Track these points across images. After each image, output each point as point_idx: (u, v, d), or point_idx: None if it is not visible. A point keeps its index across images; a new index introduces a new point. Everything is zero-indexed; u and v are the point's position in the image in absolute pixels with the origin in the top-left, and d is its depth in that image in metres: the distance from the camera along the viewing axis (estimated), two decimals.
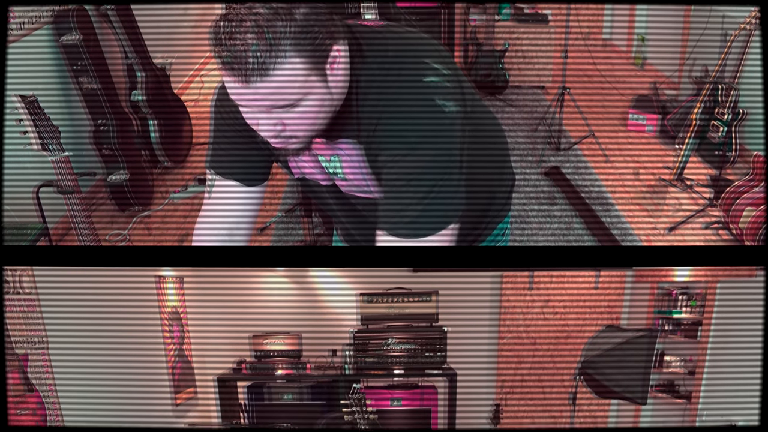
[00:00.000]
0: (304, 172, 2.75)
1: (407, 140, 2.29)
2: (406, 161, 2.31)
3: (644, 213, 5.92)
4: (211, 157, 2.75)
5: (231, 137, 2.66)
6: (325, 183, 2.75)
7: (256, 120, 2.28)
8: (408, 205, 2.35)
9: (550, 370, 6.84)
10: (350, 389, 4.88)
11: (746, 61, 5.79)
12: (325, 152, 2.57)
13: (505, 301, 6.93)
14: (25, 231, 4.27)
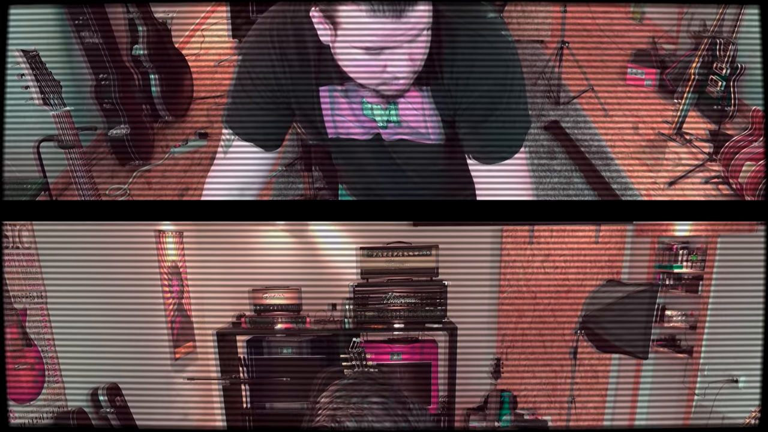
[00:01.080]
0: (339, 131, 2.72)
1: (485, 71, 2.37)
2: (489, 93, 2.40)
3: (644, 167, 5.88)
4: (230, 115, 2.69)
5: (255, 99, 2.62)
6: (364, 137, 2.75)
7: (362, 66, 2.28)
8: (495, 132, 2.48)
9: (550, 325, 6.83)
10: (350, 343, 4.86)
11: (744, 15, 5.74)
12: (382, 101, 2.58)
13: (505, 256, 6.91)
14: (25, 186, 4.24)
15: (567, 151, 6.01)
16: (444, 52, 2.34)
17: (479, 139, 2.53)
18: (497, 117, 2.44)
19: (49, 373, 4.30)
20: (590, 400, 7.08)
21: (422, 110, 2.53)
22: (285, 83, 2.48)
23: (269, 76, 2.44)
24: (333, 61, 2.34)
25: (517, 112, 2.49)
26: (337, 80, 2.46)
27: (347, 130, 2.65)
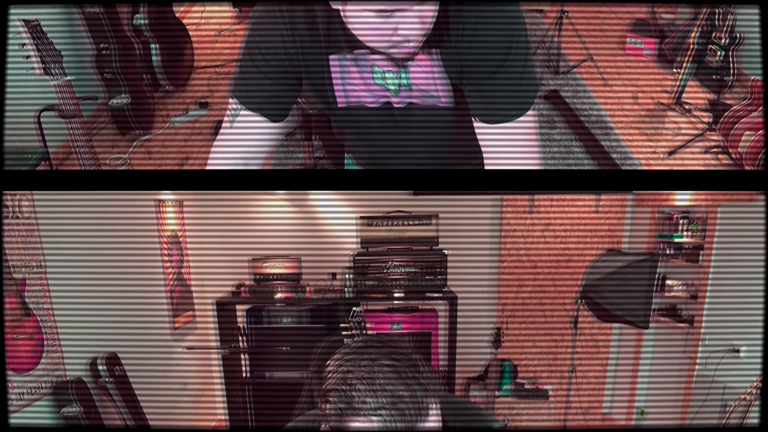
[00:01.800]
0: (350, 100, 2.71)
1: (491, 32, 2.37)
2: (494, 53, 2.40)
3: (643, 137, 5.86)
4: (236, 86, 2.70)
5: (262, 69, 2.61)
6: (374, 105, 2.74)
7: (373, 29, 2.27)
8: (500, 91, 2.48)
9: (551, 294, 6.83)
10: (350, 312, 4.85)
11: None
12: (393, 66, 2.58)
13: (505, 225, 6.90)
14: (25, 155, 4.22)
15: (566, 120, 5.98)
16: (451, 14, 2.33)
17: (484, 98, 2.52)
18: (502, 76, 2.44)
19: (48, 342, 4.29)
20: (591, 370, 7.09)
21: (432, 73, 2.53)
22: (294, 53, 2.47)
23: (278, 46, 2.44)
24: (343, 28, 2.33)
25: (522, 73, 2.49)
26: (347, 48, 2.45)
27: (358, 98, 2.64)
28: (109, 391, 4.80)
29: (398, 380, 1.84)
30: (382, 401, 1.83)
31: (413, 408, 1.83)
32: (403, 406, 1.83)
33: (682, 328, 6.10)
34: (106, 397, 4.81)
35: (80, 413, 4.37)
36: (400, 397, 1.83)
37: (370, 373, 1.85)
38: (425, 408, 1.85)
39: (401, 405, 1.83)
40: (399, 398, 1.83)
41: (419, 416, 1.84)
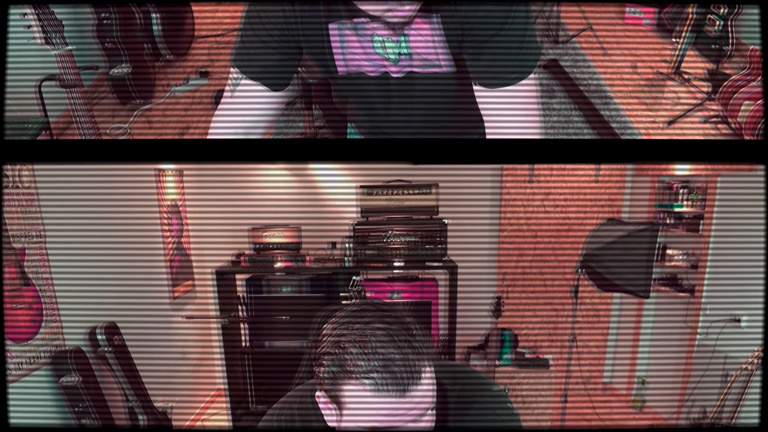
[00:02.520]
0: (350, 68, 2.70)
1: None
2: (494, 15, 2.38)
3: (643, 106, 5.84)
4: (237, 55, 2.71)
5: (263, 38, 2.61)
6: (374, 74, 2.73)
7: None
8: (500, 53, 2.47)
9: (551, 263, 6.83)
10: (350, 282, 4.85)
11: None
12: (392, 35, 2.56)
13: (505, 194, 6.89)
14: (26, 125, 4.21)
15: (566, 89, 5.96)
16: None
17: (484, 61, 2.51)
18: (502, 38, 2.43)
19: (47, 312, 4.28)
20: (592, 339, 7.10)
21: (432, 39, 2.51)
22: (294, 22, 2.46)
23: (278, 15, 2.43)
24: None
25: (523, 36, 2.48)
26: (347, 16, 2.43)
27: (357, 67, 2.63)
28: (108, 361, 4.79)
29: (390, 343, 1.85)
30: (374, 364, 1.83)
31: (405, 371, 1.84)
32: (396, 369, 1.83)
33: (682, 298, 6.10)
34: (105, 366, 4.81)
35: (79, 383, 4.37)
36: (392, 361, 1.83)
37: (363, 337, 1.86)
38: (417, 371, 1.86)
39: (393, 368, 1.83)
40: (391, 361, 1.83)
41: (411, 379, 1.84)
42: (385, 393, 1.84)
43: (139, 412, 4.89)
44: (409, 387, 1.85)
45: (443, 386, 2.11)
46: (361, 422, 1.92)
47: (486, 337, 6.33)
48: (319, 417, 2.07)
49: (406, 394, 1.85)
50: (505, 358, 6.37)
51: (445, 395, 2.14)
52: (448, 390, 2.15)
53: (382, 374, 1.83)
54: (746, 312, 5.11)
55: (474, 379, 2.29)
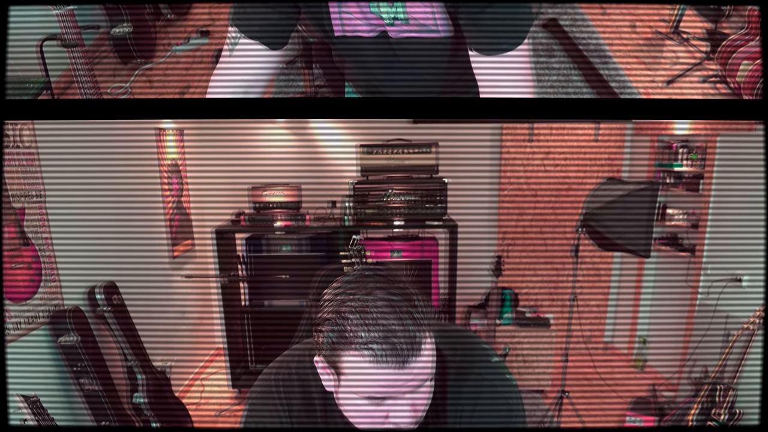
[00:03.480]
0: (346, 29, 2.69)
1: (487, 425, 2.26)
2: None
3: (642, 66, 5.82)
4: (236, 14, 2.69)
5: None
6: (370, 35, 2.71)
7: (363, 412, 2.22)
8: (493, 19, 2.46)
9: (551, 222, 6.82)
10: (350, 240, 4.84)
11: None
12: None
13: (505, 153, 6.88)
14: (27, 85, 4.19)
15: (565, 48, 5.93)
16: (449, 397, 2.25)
17: (480, 28, 2.50)
18: (498, 5, 2.42)
19: (46, 272, 4.27)
20: (592, 299, 7.10)
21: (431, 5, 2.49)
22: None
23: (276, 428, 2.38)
24: None
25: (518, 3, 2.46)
26: None
27: (354, 27, 2.62)
28: (107, 320, 4.79)
29: (392, 314, 1.83)
30: (375, 335, 1.82)
31: (405, 343, 1.82)
32: (395, 341, 1.82)
33: (683, 257, 6.10)
34: (103, 326, 4.81)
35: (77, 342, 4.37)
36: (393, 332, 1.82)
37: (364, 306, 1.84)
38: (418, 343, 1.84)
39: (393, 339, 1.82)
40: (391, 332, 1.82)
41: (411, 351, 1.83)
42: (384, 364, 1.83)
43: (138, 372, 4.89)
44: (409, 359, 1.84)
45: (443, 355, 2.10)
46: (358, 391, 1.92)
47: (486, 296, 6.34)
48: (317, 378, 2.06)
49: (405, 365, 1.85)
50: (506, 318, 6.38)
51: (444, 365, 2.12)
52: (447, 359, 2.13)
53: (381, 345, 1.82)
54: (747, 271, 5.11)
55: (474, 348, 2.28)
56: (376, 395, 1.91)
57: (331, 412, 2.12)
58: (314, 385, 2.12)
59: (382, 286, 1.87)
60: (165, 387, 5.10)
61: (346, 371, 1.90)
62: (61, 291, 4.45)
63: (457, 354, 2.16)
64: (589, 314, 7.04)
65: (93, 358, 4.51)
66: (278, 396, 2.18)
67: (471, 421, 2.14)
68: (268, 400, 2.21)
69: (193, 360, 6.73)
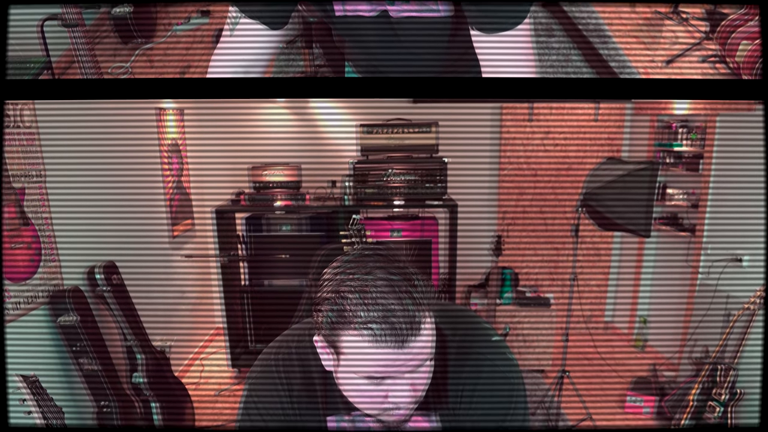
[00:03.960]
0: (347, 8, 2.68)
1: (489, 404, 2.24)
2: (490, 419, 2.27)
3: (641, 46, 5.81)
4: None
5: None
6: (371, 14, 2.68)
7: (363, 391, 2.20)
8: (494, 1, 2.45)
9: (551, 202, 6.82)
10: (350, 220, 4.84)
11: None
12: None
13: (505, 133, 6.88)
14: (28, 65, 4.18)
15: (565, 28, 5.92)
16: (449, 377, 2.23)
17: (481, 6, 2.48)
18: None
19: (46, 252, 4.27)
20: (593, 278, 7.11)
21: None
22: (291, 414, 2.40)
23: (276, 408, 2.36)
24: None
25: None
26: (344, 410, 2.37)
27: (355, 6, 2.61)
28: (107, 300, 4.79)
29: (391, 294, 1.83)
30: (374, 315, 1.82)
31: (405, 323, 1.82)
32: (395, 321, 1.82)
33: (683, 237, 6.10)
34: (103, 306, 4.80)
35: (77, 322, 4.37)
36: (392, 312, 1.82)
37: (363, 286, 1.84)
38: (417, 324, 1.84)
39: (392, 319, 1.82)
40: (391, 313, 1.81)
41: (411, 332, 1.83)
42: (383, 344, 1.83)
43: (137, 351, 4.90)
44: (408, 339, 1.84)
45: (443, 334, 2.10)
46: (358, 370, 1.92)
47: (486, 275, 6.34)
48: (317, 358, 2.06)
49: (404, 345, 1.85)
50: (506, 297, 6.38)
51: (445, 344, 2.12)
52: (447, 338, 2.13)
53: (381, 325, 1.82)
54: (747, 251, 5.12)
55: (474, 327, 2.27)
56: (376, 375, 1.91)
57: (331, 391, 2.12)
58: (314, 365, 2.12)
59: (381, 265, 1.87)
60: (164, 367, 5.11)
61: (346, 351, 1.90)
62: (60, 271, 4.45)
63: (458, 333, 2.16)
64: (589, 294, 7.05)
65: (92, 338, 4.51)
66: (278, 376, 2.18)
67: (472, 400, 2.14)
68: (268, 379, 2.20)
69: (192, 340, 6.74)
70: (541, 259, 7.03)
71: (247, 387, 2.31)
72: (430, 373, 2.00)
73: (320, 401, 2.20)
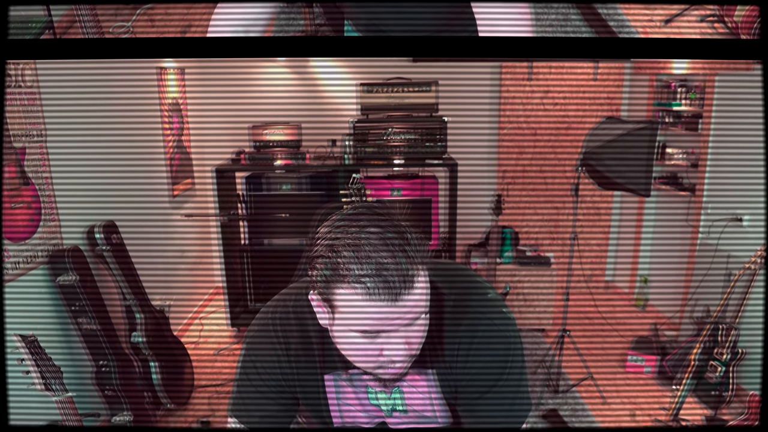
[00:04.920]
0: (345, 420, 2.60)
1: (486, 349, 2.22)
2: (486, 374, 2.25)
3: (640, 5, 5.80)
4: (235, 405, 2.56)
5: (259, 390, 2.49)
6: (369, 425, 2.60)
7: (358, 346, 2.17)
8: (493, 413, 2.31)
9: (551, 161, 6.82)
10: (350, 179, 4.84)
11: None
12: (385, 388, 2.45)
13: (504, 92, 6.87)
14: (29, 25, 4.17)
15: None
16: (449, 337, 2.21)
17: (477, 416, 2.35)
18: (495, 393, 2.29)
19: (45, 211, 4.27)
20: (593, 237, 7.12)
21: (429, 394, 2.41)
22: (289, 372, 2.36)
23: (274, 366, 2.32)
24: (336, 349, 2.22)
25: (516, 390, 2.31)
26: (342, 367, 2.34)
27: (354, 416, 2.54)
28: (106, 260, 4.79)
29: (384, 249, 1.84)
30: (367, 270, 1.83)
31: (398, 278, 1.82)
32: (388, 276, 1.82)
33: (683, 197, 6.10)
34: (102, 265, 4.81)
35: (76, 282, 4.37)
36: (385, 267, 1.82)
37: (356, 241, 1.85)
38: (410, 278, 1.84)
39: (385, 273, 1.82)
40: (383, 267, 1.82)
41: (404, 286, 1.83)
42: (376, 299, 1.83)
43: (137, 311, 4.90)
44: (401, 293, 1.84)
45: (439, 290, 2.10)
46: (353, 325, 1.92)
47: (486, 234, 6.35)
48: (314, 316, 2.06)
49: (398, 300, 1.85)
50: (506, 256, 6.40)
51: (441, 299, 2.12)
52: (444, 294, 2.13)
53: (374, 280, 1.83)
54: (748, 211, 5.12)
55: (471, 283, 2.27)
56: (370, 330, 1.91)
57: (328, 349, 2.12)
58: (311, 323, 2.12)
59: (375, 222, 1.87)
60: (164, 326, 5.12)
61: (340, 306, 1.91)
62: (60, 230, 4.45)
63: (454, 290, 2.16)
64: (589, 253, 7.06)
65: (91, 297, 4.51)
66: (276, 334, 2.19)
67: (468, 356, 2.15)
68: (266, 338, 2.21)
69: (192, 299, 6.76)
70: (541, 218, 7.04)
71: (245, 345, 2.32)
72: (425, 328, 2.00)
73: (318, 359, 2.20)
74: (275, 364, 2.22)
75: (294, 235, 6.20)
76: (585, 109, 6.84)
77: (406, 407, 2.31)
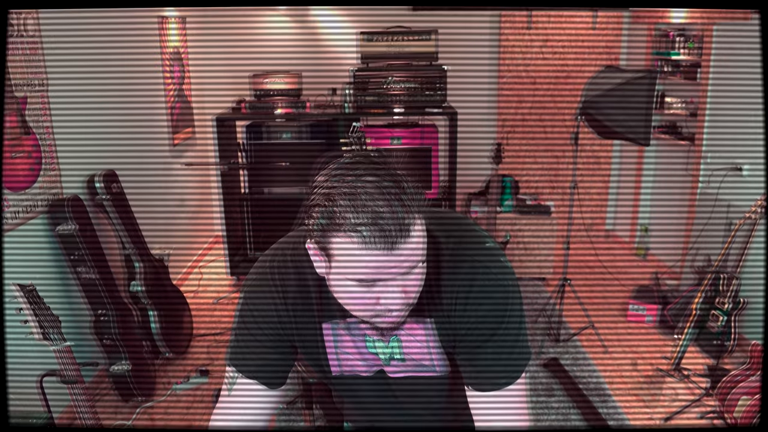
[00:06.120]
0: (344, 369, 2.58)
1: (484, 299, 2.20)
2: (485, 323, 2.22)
3: None
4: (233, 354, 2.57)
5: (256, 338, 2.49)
6: (367, 374, 2.59)
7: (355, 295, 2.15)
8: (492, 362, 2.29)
9: (550, 110, 6.83)
10: (350, 128, 4.84)
11: None
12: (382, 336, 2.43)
13: (504, 41, 6.86)
14: None
15: None
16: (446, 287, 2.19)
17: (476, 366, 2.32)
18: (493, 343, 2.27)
19: (46, 160, 4.27)
20: (593, 186, 7.14)
21: (426, 343, 2.41)
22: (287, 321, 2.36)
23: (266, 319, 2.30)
24: None
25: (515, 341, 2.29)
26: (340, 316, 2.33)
27: (353, 365, 2.54)
28: (106, 209, 4.80)
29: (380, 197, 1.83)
30: (362, 218, 1.84)
31: (394, 226, 1.83)
32: (384, 224, 1.83)
33: (683, 146, 6.11)
34: (102, 214, 4.81)
35: (75, 231, 4.38)
36: (381, 215, 1.83)
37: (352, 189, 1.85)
38: (406, 227, 1.85)
39: (381, 222, 1.83)
40: (379, 216, 1.83)
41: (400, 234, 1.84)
42: (373, 247, 1.84)
43: (136, 260, 4.91)
44: (398, 242, 1.85)
45: (437, 239, 2.11)
46: (349, 274, 1.93)
47: (486, 183, 6.36)
48: (311, 265, 2.08)
49: (394, 248, 1.85)
50: (506, 205, 6.41)
51: (438, 248, 2.13)
52: (441, 243, 2.14)
53: (370, 228, 1.84)
54: (747, 160, 5.13)
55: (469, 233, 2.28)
56: (366, 278, 1.93)
57: (325, 298, 2.14)
58: (309, 271, 2.13)
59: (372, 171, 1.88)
60: (163, 275, 5.14)
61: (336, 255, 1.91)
62: (60, 180, 4.45)
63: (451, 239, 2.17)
64: (590, 202, 7.08)
65: (91, 246, 4.52)
66: (273, 282, 2.20)
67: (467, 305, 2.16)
68: (264, 286, 2.22)
69: (191, 248, 6.78)
70: (541, 167, 7.05)
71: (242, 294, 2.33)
72: (422, 277, 2.01)
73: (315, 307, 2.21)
74: (273, 312, 2.23)
75: (294, 184, 6.22)
76: (584, 58, 6.83)
77: (404, 356, 2.32)
